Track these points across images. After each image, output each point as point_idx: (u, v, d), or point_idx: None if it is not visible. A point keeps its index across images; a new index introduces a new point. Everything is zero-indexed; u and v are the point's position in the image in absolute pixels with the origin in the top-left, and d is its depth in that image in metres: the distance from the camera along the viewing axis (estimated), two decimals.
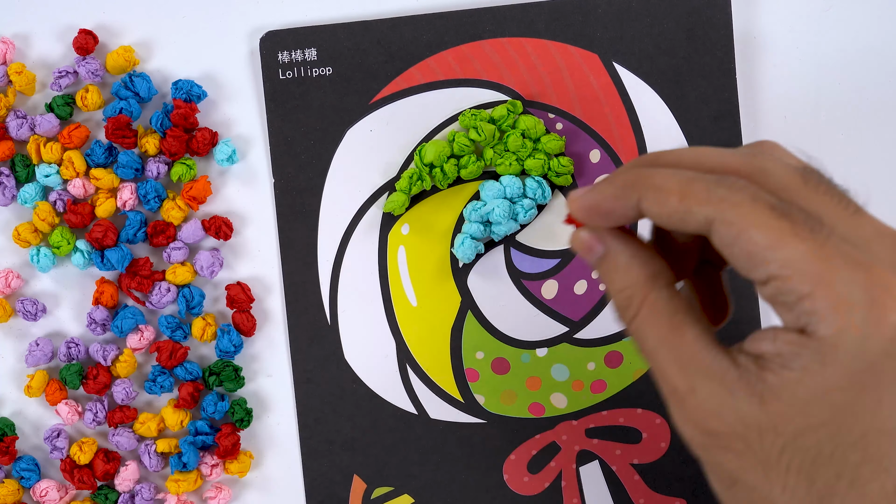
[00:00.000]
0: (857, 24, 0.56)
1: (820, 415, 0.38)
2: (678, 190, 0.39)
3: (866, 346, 0.37)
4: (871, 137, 0.55)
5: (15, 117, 0.54)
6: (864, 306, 0.36)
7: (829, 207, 0.38)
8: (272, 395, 0.55)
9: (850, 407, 0.37)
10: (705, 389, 0.39)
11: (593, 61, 0.55)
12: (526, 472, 0.55)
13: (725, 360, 0.39)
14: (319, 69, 0.55)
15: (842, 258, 0.37)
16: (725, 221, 0.38)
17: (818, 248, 0.37)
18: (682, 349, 0.40)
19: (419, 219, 0.55)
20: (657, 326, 0.40)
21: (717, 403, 0.39)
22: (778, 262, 0.37)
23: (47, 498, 0.53)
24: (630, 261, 0.41)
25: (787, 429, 0.38)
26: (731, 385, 0.39)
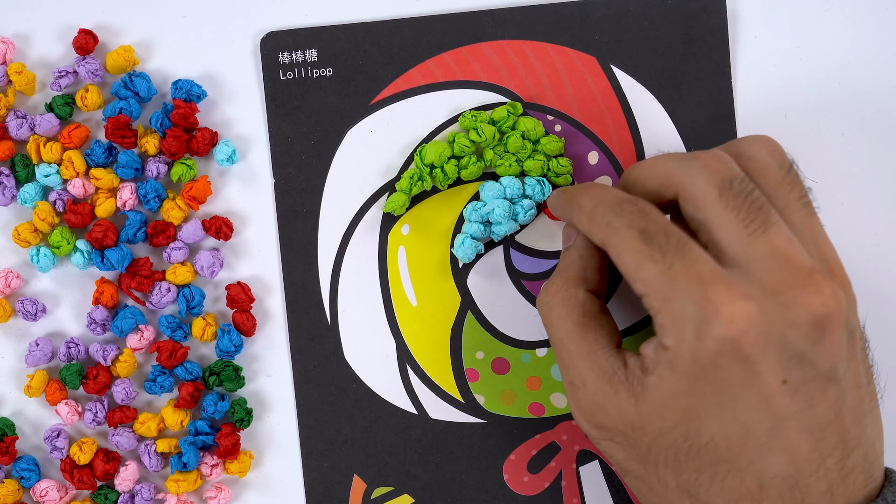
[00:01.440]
0: (857, 24, 0.56)
1: (673, 417, 0.43)
2: (588, 212, 0.45)
3: (697, 356, 0.41)
4: (871, 137, 0.56)
5: (15, 117, 0.54)
6: (693, 321, 0.41)
7: (731, 225, 0.43)
8: (272, 395, 0.55)
9: (694, 411, 0.42)
10: (595, 385, 0.45)
11: (591, 64, 0.55)
12: (526, 472, 0.55)
13: (618, 361, 0.45)
14: (320, 70, 0.55)
15: (686, 276, 0.41)
16: (609, 244, 0.44)
17: (667, 269, 0.42)
18: (581, 345, 0.46)
19: (419, 219, 0.55)
20: (566, 320, 0.46)
21: (602, 398, 0.45)
22: (640, 281, 0.43)
23: (47, 498, 0.53)
24: (577, 258, 0.48)
25: (650, 427, 0.43)
26: (616, 384, 0.44)
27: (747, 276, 0.42)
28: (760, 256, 0.42)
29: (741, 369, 0.41)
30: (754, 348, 0.41)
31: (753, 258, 0.42)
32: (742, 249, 0.42)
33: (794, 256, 0.42)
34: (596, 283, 0.48)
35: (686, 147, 0.55)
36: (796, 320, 0.41)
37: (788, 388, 0.41)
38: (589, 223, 0.45)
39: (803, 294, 0.41)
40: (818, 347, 0.41)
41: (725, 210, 0.43)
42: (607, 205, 0.45)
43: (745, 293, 0.41)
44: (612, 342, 0.46)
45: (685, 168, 0.44)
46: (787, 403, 0.41)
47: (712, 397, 0.42)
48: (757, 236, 0.42)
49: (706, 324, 0.41)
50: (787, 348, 0.41)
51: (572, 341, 0.46)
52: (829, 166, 0.56)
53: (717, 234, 0.43)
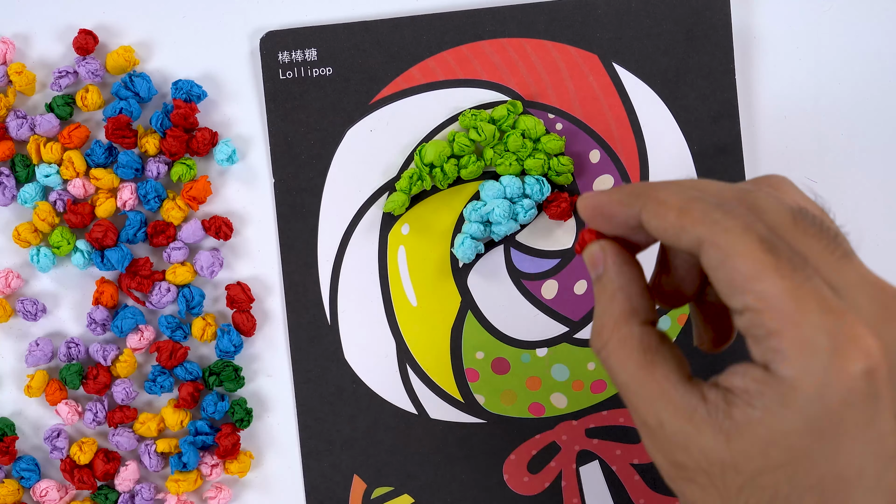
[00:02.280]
0: (857, 24, 0.56)
1: (778, 457, 0.38)
2: (677, 205, 0.39)
3: (825, 392, 0.37)
4: (871, 137, 0.56)
5: (15, 117, 0.54)
6: (827, 352, 0.37)
7: (816, 250, 0.38)
8: (272, 395, 0.55)
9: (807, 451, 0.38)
10: (673, 425, 0.40)
11: (593, 62, 0.55)
12: (526, 472, 0.55)
13: (695, 396, 0.40)
14: (319, 69, 0.55)
15: (816, 301, 0.37)
16: (714, 244, 0.38)
17: (795, 288, 0.37)
18: (651, 386, 0.40)
19: (419, 219, 0.55)
20: (626, 361, 0.41)
21: (684, 438, 0.40)
22: (755, 293, 0.37)
23: (47, 498, 0.53)
24: (616, 292, 0.42)
25: (747, 467, 0.38)
26: (697, 422, 0.39)
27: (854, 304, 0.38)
28: (857, 283, 0.38)
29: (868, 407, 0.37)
30: (880, 384, 0.37)
31: (851, 284, 0.38)
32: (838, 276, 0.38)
33: (883, 283, 0.39)
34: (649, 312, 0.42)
35: (689, 145, 0.55)
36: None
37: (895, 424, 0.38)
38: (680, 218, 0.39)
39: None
40: None
41: (805, 236, 0.39)
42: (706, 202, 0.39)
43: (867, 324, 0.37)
44: (683, 374, 0.41)
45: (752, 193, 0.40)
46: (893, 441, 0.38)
47: (832, 437, 0.37)
48: (845, 263, 0.39)
49: (844, 356, 0.37)
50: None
51: (640, 383, 0.41)
52: (829, 166, 0.55)
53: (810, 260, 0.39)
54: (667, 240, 0.40)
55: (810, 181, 0.56)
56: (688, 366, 0.41)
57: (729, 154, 0.55)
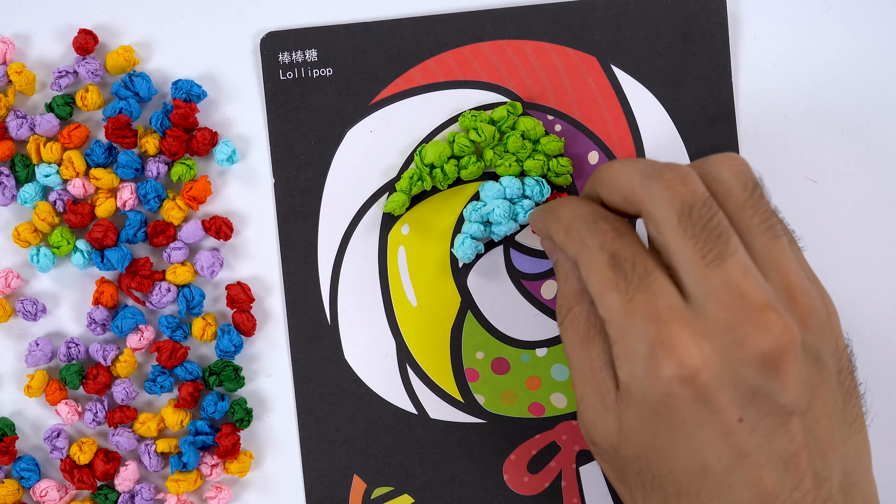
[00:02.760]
0: (857, 24, 0.56)
1: (635, 448, 0.43)
2: (565, 225, 0.45)
3: (647, 395, 0.41)
4: (871, 137, 0.56)
5: (15, 117, 0.54)
6: (645, 359, 0.41)
7: (689, 253, 0.42)
8: (272, 395, 0.55)
9: (651, 445, 0.42)
10: (590, 402, 0.45)
11: (591, 64, 0.55)
12: (526, 472, 0.55)
13: (612, 380, 0.44)
14: (320, 70, 0.55)
15: (643, 312, 0.41)
16: (580, 262, 0.44)
17: (628, 301, 0.42)
18: (585, 362, 0.45)
19: (419, 219, 0.55)
20: (573, 336, 0.46)
21: (595, 417, 0.45)
22: (602, 306, 0.43)
23: (47, 498, 0.53)
24: (569, 273, 0.47)
25: (623, 452, 0.44)
26: (607, 404, 0.44)
27: (702, 310, 0.41)
28: (715, 289, 0.41)
29: (695, 409, 0.41)
30: (706, 388, 0.40)
31: (709, 291, 0.41)
32: (698, 280, 0.41)
33: (748, 290, 0.41)
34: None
35: (686, 147, 0.55)
36: (747, 358, 0.40)
37: (746, 425, 0.41)
38: (564, 237, 0.45)
39: (753, 331, 0.40)
40: (773, 383, 0.40)
41: (684, 237, 0.42)
42: (584, 220, 0.45)
43: (698, 332, 0.40)
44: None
45: (649, 187, 0.43)
46: (746, 439, 0.41)
47: (666, 434, 0.42)
48: (713, 267, 0.41)
49: (656, 364, 0.41)
50: (740, 386, 0.40)
51: (577, 357, 0.46)
52: (829, 166, 0.56)
53: (676, 261, 0.42)
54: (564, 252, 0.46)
55: (810, 181, 0.56)
56: None
57: None
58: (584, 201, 0.46)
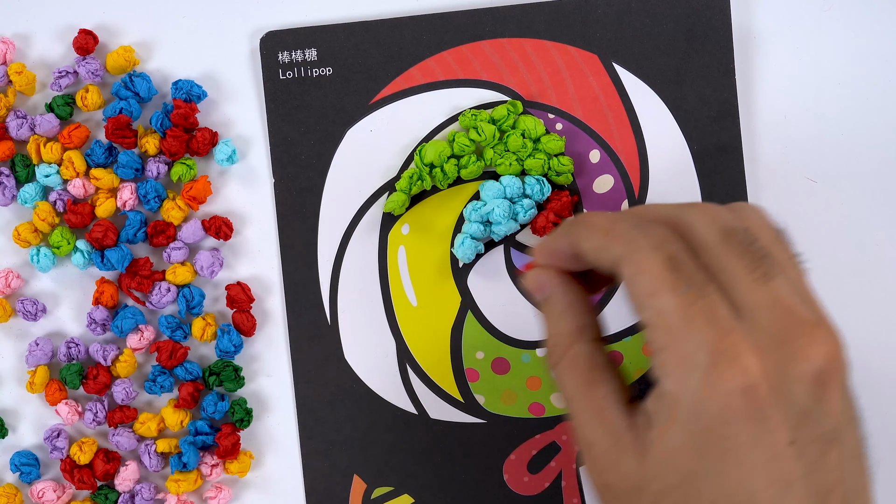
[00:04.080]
0: (857, 24, 0.56)
1: (673, 477, 0.39)
2: (604, 227, 0.42)
3: (703, 408, 0.38)
4: (871, 137, 0.56)
5: (15, 117, 0.54)
6: (704, 368, 0.38)
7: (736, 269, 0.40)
8: (272, 395, 0.55)
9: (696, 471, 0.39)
10: (604, 445, 0.41)
11: (593, 62, 0.55)
12: (526, 472, 0.55)
13: (625, 420, 0.41)
14: (319, 69, 0.55)
15: (704, 318, 0.38)
16: (628, 261, 0.40)
17: (687, 305, 0.39)
18: (591, 403, 0.42)
19: (419, 219, 0.55)
20: (574, 378, 0.43)
21: (611, 459, 0.41)
22: (651, 309, 0.39)
23: (44, 499, 0.53)
24: (565, 310, 0.44)
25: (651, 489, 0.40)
26: (623, 444, 0.41)
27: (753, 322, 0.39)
28: (765, 305, 0.39)
29: (750, 426, 0.38)
30: (766, 402, 0.38)
31: (759, 305, 0.39)
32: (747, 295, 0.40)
33: (797, 308, 0.39)
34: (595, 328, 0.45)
35: (689, 145, 0.55)
36: (802, 374, 0.38)
37: (795, 449, 0.39)
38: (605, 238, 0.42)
39: (809, 346, 0.39)
40: (821, 405, 0.39)
41: (729, 255, 0.40)
42: (628, 223, 0.42)
43: (757, 343, 0.38)
44: (623, 397, 0.42)
45: (687, 213, 0.42)
46: (793, 466, 0.39)
47: (716, 456, 0.39)
48: (761, 284, 0.40)
49: (718, 372, 0.38)
50: (794, 404, 0.39)
51: (580, 399, 0.43)
52: (829, 166, 0.55)
53: (722, 277, 0.40)
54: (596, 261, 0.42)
55: (810, 181, 0.56)
56: (629, 390, 0.43)
57: (729, 154, 0.55)
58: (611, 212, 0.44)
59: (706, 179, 0.55)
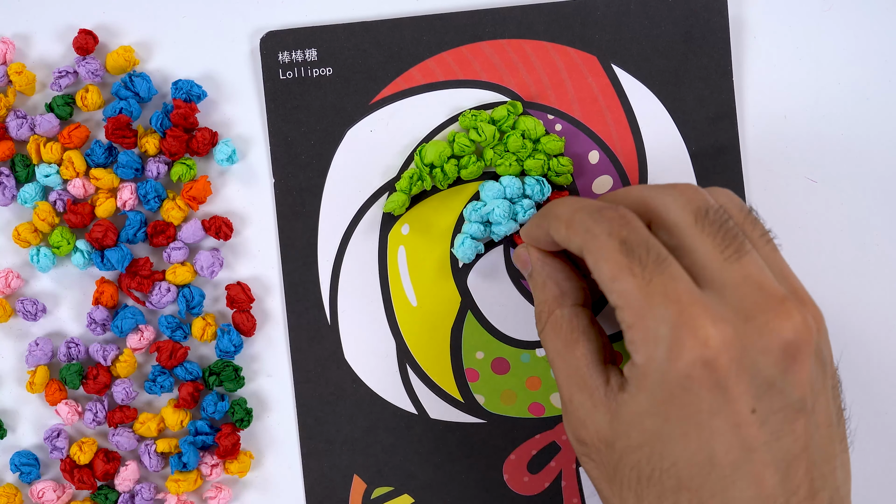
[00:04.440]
0: (857, 24, 0.56)
1: (638, 436, 0.42)
2: (566, 218, 0.45)
3: (666, 378, 0.41)
4: (871, 137, 0.56)
5: (15, 117, 0.54)
6: (666, 341, 0.41)
7: (707, 248, 0.42)
8: (272, 395, 0.55)
9: (659, 433, 0.42)
10: (578, 400, 0.45)
11: (592, 63, 0.55)
12: (526, 472, 0.55)
13: (601, 377, 0.45)
14: (320, 69, 0.55)
15: (662, 295, 0.41)
16: (588, 250, 0.43)
17: (645, 284, 0.41)
18: (569, 362, 0.46)
19: (419, 219, 0.55)
20: (555, 340, 0.47)
21: (585, 414, 0.45)
22: (615, 292, 0.42)
23: (44, 499, 0.53)
24: (546, 280, 0.48)
25: (618, 445, 0.43)
26: (597, 400, 0.44)
27: (722, 299, 0.41)
28: (735, 282, 0.41)
29: (711, 394, 0.40)
30: (727, 372, 0.40)
31: (728, 282, 0.41)
32: (717, 273, 0.42)
33: (767, 283, 0.42)
34: (577, 293, 0.48)
35: (687, 146, 0.55)
36: (768, 346, 0.40)
37: (758, 417, 0.41)
38: (567, 230, 0.45)
39: (776, 319, 0.41)
40: (788, 376, 0.41)
41: (701, 235, 0.43)
42: (586, 210, 0.44)
43: (720, 316, 0.40)
44: (600, 357, 0.46)
45: (660, 195, 0.44)
46: (756, 433, 0.41)
47: (679, 421, 0.41)
48: (732, 262, 0.42)
49: (679, 345, 0.40)
50: (758, 375, 0.40)
51: (561, 358, 0.46)
52: (829, 166, 0.56)
53: (693, 257, 0.42)
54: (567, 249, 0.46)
55: (810, 181, 0.56)
56: (608, 352, 0.46)
57: (726, 155, 0.55)
58: (581, 198, 0.47)
59: (704, 180, 0.55)
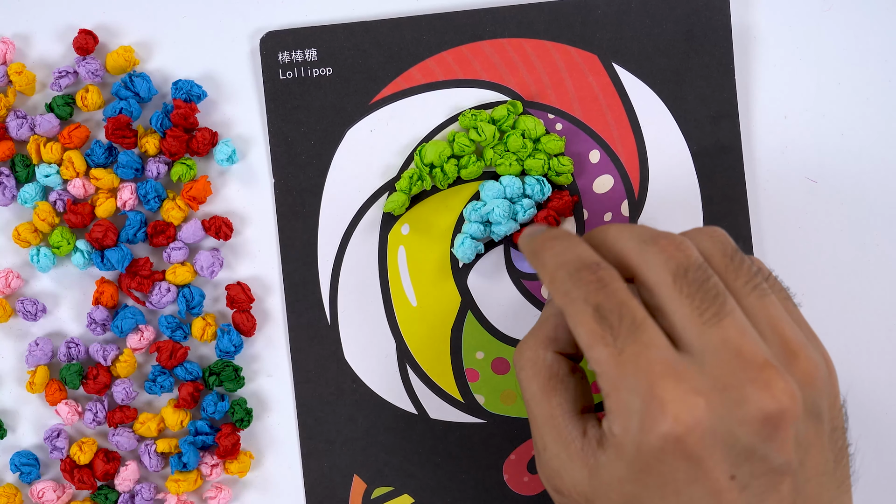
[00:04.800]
0: (857, 24, 0.56)
1: (618, 499, 0.42)
2: (550, 274, 0.44)
3: (641, 449, 0.40)
4: (871, 137, 0.56)
5: (15, 117, 0.54)
6: (639, 415, 0.40)
7: (685, 311, 0.42)
8: (272, 395, 0.55)
9: (637, 498, 0.41)
10: (553, 450, 0.44)
11: (593, 62, 0.55)
12: (526, 472, 0.55)
13: (577, 429, 0.44)
14: (319, 69, 0.55)
15: (634, 366, 0.40)
16: (566, 313, 0.43)
17: (617, 354, 0.41)
18: (545, 409, 0.45)
19: (419, 219, 0.55)
20: (533, 381, 0.46)
21: (560, 466, 0.44)
22: (592, 360, 0.42)
23: (44, 499, 0.53)
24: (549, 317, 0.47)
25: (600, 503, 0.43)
26: (572, 453, 0.43)
27: (699, 366, 0.40)
28: (714, 347, 0.41)
29: (686, 465, 0.40)
30: (699, 446, 0.40)
31: (707, 348, 0.41)
32: (695, 338, 0.41)
33: (746, 349, 0.41)
34: (567, 344, 0.47)
35: (688, 144, 0.55)
36: (746, 417, 0.40)
37: (737, 483, 0.40)
38: (549, 286, 0.44)
39: (754, 389, 0.40)
40: (769, 444, 0.40)
41: (680, 297, 0.42)
42: (567, 270, 0.44)
43: (694, 388, 0.40)
44: (577, 407, 0.45)
45: (643, 251, 0.43)
46: (736, 498, 0.40)
47: (657, 488, 0.41)
48: (710, 326, 0.41)
49: (651, 420, 0.40)
50: (735, 445, 0.40)
51: (537, 404, 0.45)
52: (829, 166, 0.56)
53: (671, 320, 0.42)
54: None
55: (810, 181, 0.56)
56: (587, 401, 0.45)
57: (728, 154, 0.55)
58: (568, 244, 0.45)
59: (705, 179, 0.55)
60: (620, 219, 0.55)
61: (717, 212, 0.55)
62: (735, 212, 0.55)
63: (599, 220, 0.55)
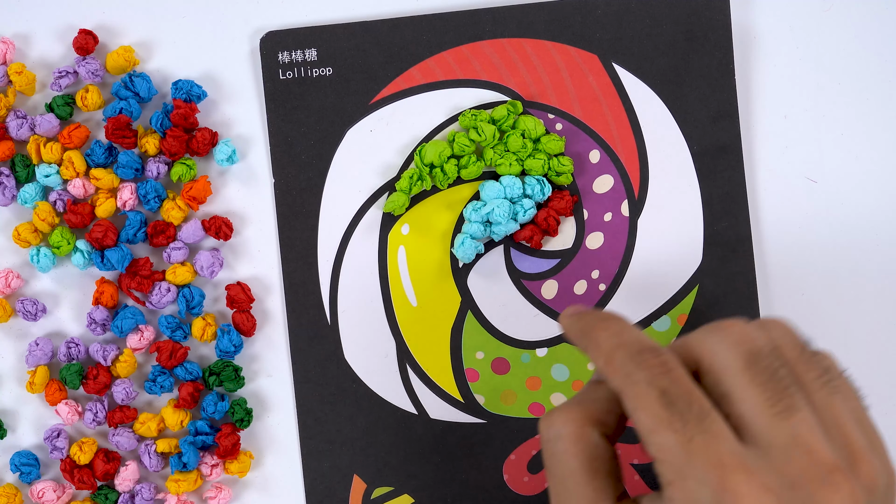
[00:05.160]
0: (857, 24, 0.56)
1: None
2: (606, 354, 0.42)
3: None
4: (871, 137, 0.56)
5: (15, 117, 0.54)
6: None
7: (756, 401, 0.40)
8: (272, 395, 0.55)
9: None
10: None
11: (593, 62, 0.55)
12: (526, 472, 0.55)
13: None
14: (319, 69, 0.55)
15: (704, 457, 0.39)
16: (626, 396, 0.41)
17: (686, 442, 0.39)
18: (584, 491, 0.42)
19: (419, 219, 0.55)
20: (575, 458, 0.43)
21: None
22: (654, 445, 0.40)
23: (44, 499, 0.53)
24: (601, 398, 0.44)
25: None
26: None
27: (766, 460, 0.39)
28: (783, 442, 0.39)
29: None
30: None
31: (776, 443, 0.39)
32: (765, 430, 0.40)
33: (816, 448, 0.39)
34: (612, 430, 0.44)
35: (688, 144, 0.55)
36: None
37: None
38: (605, 366, 0.42)
39: (822, 492, 0.38)
40: None
41: (751, 385, 0.40)
42: (627, 351, 0.42)
43: (764, 484, 0.38)
44: (615, 493, 0.43)
45: (706, 337, 0.42)
46: None
47: None
48: (781, 419, 0.40)
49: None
50: None
51: (575, 483, 0.43)
52: (829, 166, 0.55)
53: (741, 408, 0.40)
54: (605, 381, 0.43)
55: (810, 181, 0.56)
56: (622, 487, 0.43)
57: (728, 154, 0.55)
58: (624, 325, 0.43)
59: (706, 180, 0.55)
60: (621, 218, 0.55)
61: (717, 212, 0.55)
62: (735, 212, 0.55)
63: (599, 220, 0.55)
